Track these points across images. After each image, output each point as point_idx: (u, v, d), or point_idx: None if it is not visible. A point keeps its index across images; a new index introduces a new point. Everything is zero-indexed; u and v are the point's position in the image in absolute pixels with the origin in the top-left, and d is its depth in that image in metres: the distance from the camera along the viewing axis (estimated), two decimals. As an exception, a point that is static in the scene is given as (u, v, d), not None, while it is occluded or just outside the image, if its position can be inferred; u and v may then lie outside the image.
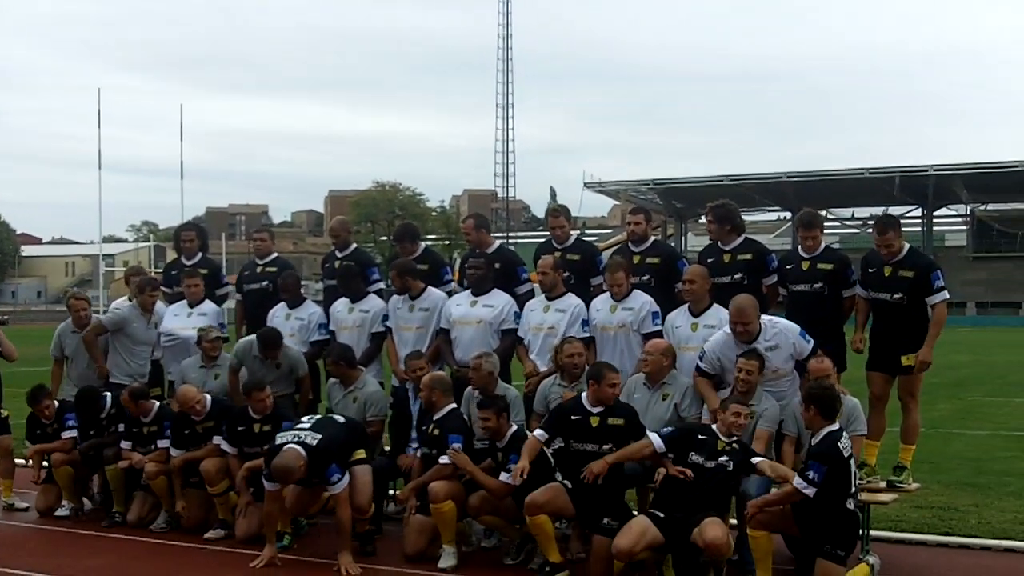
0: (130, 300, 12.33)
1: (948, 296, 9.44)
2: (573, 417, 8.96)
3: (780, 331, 9.08)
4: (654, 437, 8.64)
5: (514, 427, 9.34)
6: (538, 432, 9.05)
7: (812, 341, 9.09)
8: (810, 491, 7.82)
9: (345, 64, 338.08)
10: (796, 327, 9.13)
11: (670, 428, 8.83)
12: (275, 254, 12.59)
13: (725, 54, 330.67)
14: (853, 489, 8.14)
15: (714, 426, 8.60)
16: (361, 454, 9.70)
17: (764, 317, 9.18)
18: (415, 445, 10.09)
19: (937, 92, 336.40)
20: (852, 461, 8.12)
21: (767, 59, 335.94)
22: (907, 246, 9.52)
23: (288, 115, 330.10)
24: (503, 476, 8.99)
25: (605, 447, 8.82)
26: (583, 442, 8.92)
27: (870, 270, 9.57)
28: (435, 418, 9.66)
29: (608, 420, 8.88)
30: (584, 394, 9.05)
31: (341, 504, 9.31)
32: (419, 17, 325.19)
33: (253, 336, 11.10)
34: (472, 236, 11.22)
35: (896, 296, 9.35)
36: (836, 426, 8.13)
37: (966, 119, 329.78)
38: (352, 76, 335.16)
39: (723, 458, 8.41)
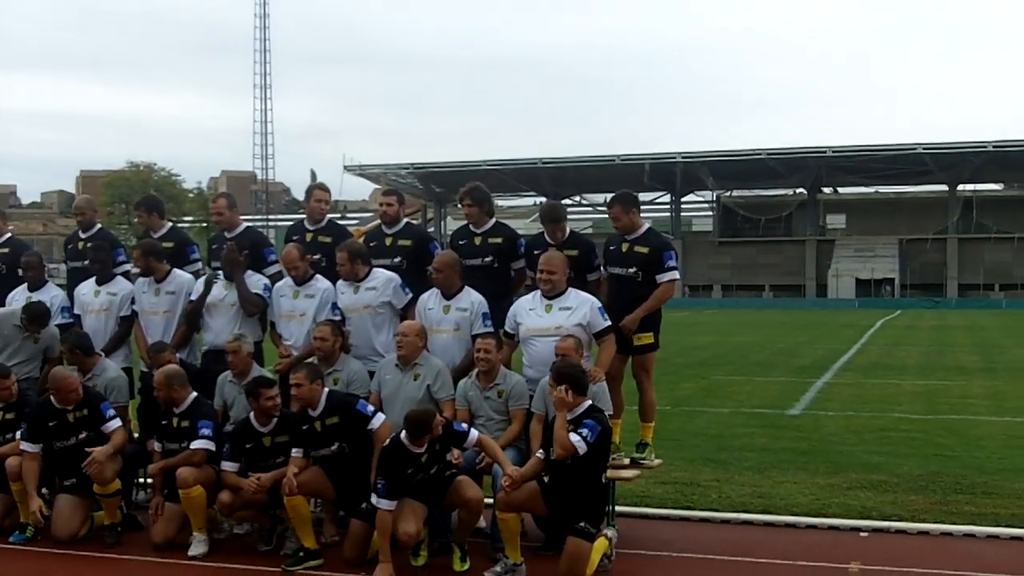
0: None
1: (677, 277, 9.74)
2: (303, 427, 9.01)
3: (583, 299, 9.26)
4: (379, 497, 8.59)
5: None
6: (226, 465, 9.16)
7: (610, 321, 9.25)
8: (583, 448, 7.95)
9: (98, 41, 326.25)
10: (598, 303, 9.30)
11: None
12: (8, 235, 12.08)
13: (483, 41, 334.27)
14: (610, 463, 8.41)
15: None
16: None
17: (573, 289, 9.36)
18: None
19: (684, 83, 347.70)
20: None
21: (523, 47, 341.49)
22: (647, 225, 9.78)
23: (37, 93, 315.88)
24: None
25: (333, 448, 8.91)
26: (317, 448, 8.97)
27: (611, 247, 9.82)
28: (178, 411, 9.44)
29: (327, 421, 8.91)
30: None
31: (117, 434, 9.50)
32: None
33: (11, 308, 10.77)
34: (225, 216, 11.02)
35: (630, 271, 9.60)
36: (590, 401, 8.36)
37: (711, 110, 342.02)
38: (105, 54, 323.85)
39: (433, 469, 8.51)
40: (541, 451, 8.36)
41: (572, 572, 7.96)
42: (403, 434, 8.42)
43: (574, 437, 8.00)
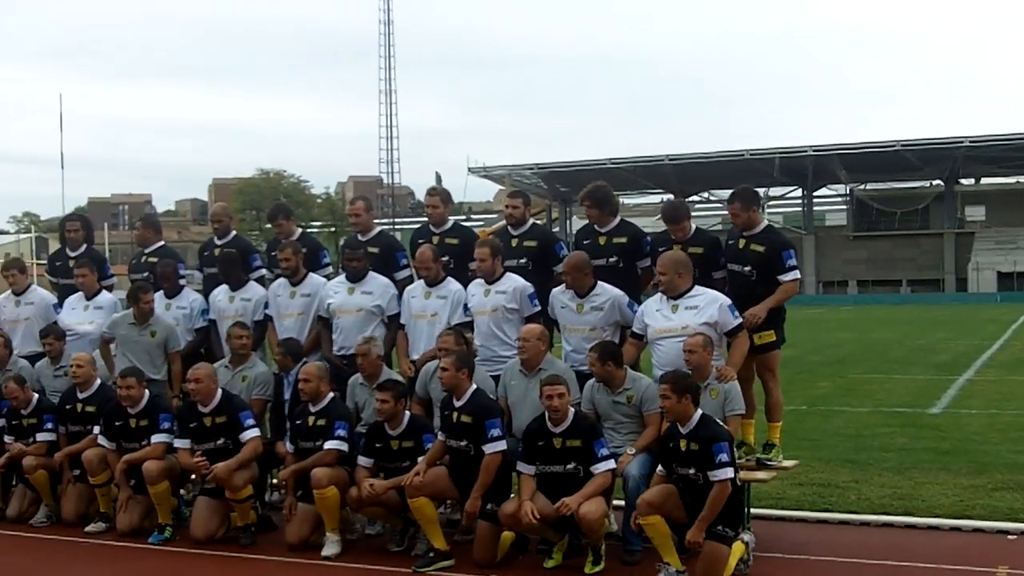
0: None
1: (799, 276, 9.49)
2: (445, 412, 9.08)
3: (711, 298, 9.05)
4: (523, 467, 8.69)
5: (408, 413, 9.28)
6: (361, 460, 9.26)
7: (741, 319, 9.02)
8: (732, 472, 7.86)
9: (227, 51, 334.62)
10: (728, 301, 9.06)
11: (520, 445, 8.82)
12: (160, 243, 12.33)
13: (605, 38, 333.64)
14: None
15: (546, 415, 8.60)
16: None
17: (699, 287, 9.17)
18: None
19: (814, 74, 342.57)
20: None
21: (645, 43, 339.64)
22: (765, 222, 9.59)
23: (171, 103, 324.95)
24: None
25: (463, 443, 8.92)
26: (449, 438, 9.02)
27: (730, 242, 9.66)
28: (315, 409, 9.55)
29: (462, 417, 8.92)
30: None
31: (248, 445, 9.63)
32: (302, 2, 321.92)
33: (129, 310, 11.02)
34: (363, 218, 11.14)
35: (746, 269, 9.39)
36: (701, 410, 8.21)
37: (842, 101, 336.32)
38: (234, 63, 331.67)
39: (570, 465, 8.50)
40: (661, 468, 8.27)
41: (710, 574, 7.84)
42: (547, 414, 8.50)
43: (722, 474, 7.83)
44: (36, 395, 10.79)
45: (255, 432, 9.76)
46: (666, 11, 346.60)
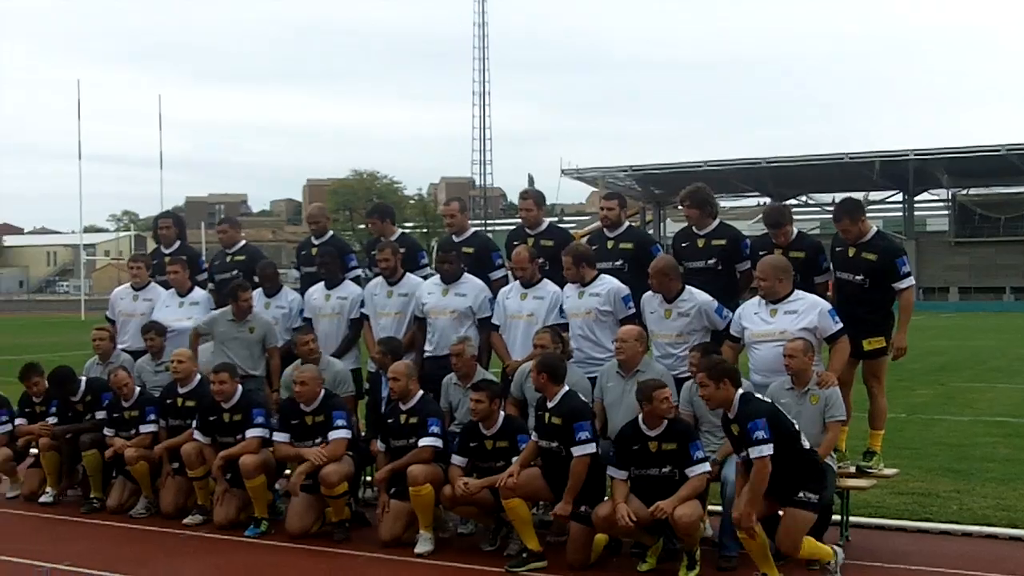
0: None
1: (914, 282, 9.37)
2: (539, 411, 9.01)
3: (811, 303, 8.96)
4: (614, 471, 8.59)
5: (503, 414, 9.26)
6: (455, 459, 9.23)
7: (841, 324, 8.89)
8: (770, 448, 7.64)
9: (321, 54, 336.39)
10: (828, 306, 8.96)
11: (613, 449, 8.72)
12: (242, 242, 12.57)
13: (701, 41, 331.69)
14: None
15: (640, 419, 8.50)
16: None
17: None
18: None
19: (916, 77, 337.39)
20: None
21: (744, 46, 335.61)
22: (874, 229, 9.48)
23: (266, 105, 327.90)
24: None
25: (554, 445, 8.85)
26: (541, 438, 8.95)
27: (837, 249, 9.53)
28: (406, 407, 9.59)
29: (553, 419, 8.85)
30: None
31: (330, 445, 9.71)
32: (395, 5, 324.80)
33: (226, 308, 11.17)
34: (457, 219, 11.16)
35: (858, 278, 9.28)
36: (742, 389, 8.03)
37: (945, 104, 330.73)
38: (329, 66, 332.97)
39: (666, 468, 8.40)
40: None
41: (787, 541, 7.83)
42: (640, 416, 8.46)
43: (757, 451, 7.65)
44: (138, 388, 11.01)
45: (342, 433, 9.81)
46: (762, 14, 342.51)
